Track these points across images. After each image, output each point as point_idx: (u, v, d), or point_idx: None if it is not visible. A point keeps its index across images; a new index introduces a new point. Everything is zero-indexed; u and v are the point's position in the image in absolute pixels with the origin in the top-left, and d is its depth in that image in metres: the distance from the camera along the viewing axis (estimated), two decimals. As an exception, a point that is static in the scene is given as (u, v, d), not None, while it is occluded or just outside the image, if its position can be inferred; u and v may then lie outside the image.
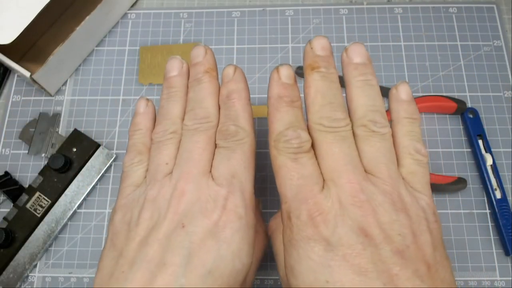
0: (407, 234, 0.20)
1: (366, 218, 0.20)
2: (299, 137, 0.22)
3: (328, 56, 0.24)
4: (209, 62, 0.26)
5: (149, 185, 0.23)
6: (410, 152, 0.23)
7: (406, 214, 0.20)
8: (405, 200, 0.21)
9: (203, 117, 0.24)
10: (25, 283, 0.34)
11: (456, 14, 0.41)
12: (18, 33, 0.34)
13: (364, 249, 0.19)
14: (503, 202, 0.34)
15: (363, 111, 0.22)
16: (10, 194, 0.36)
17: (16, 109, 0.40)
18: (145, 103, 0.27)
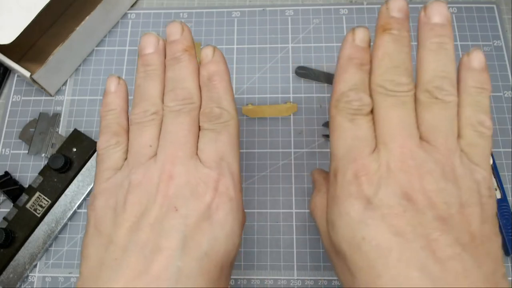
0: (454, 203, 0.20)
1: (411, 183, 0.20)
2: (360, 99, 0.21)
3: (403, 19, 0.23)
4: (187, 40, 0.25)
5: (133, 169, 0.23)
6: (472, 123, 0.21)
7: (456, 184, 0.20)
8: (457, 171, 0.20)
9: (185, 97, 0.24)
10: (25, 283, 0.34)
11: (456, 14, 0.41)
12: (18, 33, 0.34)
13: (405, 211, 0.19)
14: (503, 202, 0.34)
15: (430, 76, 0.21)
16: (10, 194, 0.36)
17: (16, 109, 0.40)
18: (117, 81, 0.26)
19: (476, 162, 0.21)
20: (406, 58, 0.22)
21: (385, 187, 0.20)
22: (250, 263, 0.34)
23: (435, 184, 0.20)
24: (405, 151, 0.20)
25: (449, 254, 0.18)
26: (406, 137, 0.21)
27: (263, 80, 0.39)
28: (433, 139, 0.21)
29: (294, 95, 0.39)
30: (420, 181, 0.20)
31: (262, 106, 0.38)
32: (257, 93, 0.39)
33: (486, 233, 0.20)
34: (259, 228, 0.35)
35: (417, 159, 0.20)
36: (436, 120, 0.21)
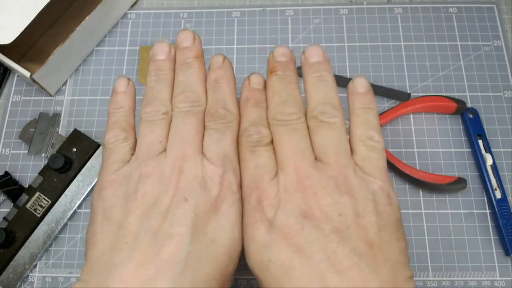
0: (349, 214, 0.21)
1: (307, 201, 0.22)
2: (258, 132, 0.24)
3: (286, 61, 0.26)
4: (198, 49, 0.27)
5: (143, 162, 0.24)
6: (362, 139, 0.24)
7: (350, 196, 0.22)
8: (351, 184, 0.22)
9: (194, 100, 0.25)
10: (25, 283, 0.34)
11: (456, 14, 0.41)
12: (18, 33, 0.34)
13: (302, 229, 0.21)
14: (503, 202, 0.34)
15: (314, 104, 0.25)
16: (10, 194, 0.36)
17: (16, 109, 0.40)
18: (126, 82, 0.28)
19: (371, 173, 0.23)
20: (293, 92, 0.25)
21: (283, 208, 0.22)
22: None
23: (329, 198, 0.22)
24: (299, 173, 0.23)
25: (347, 265, 0.20)
26: (300, 160, 0.23)
27: (263, 80, 0.39)
28: (325, 157, 0.23)
29: (294, 95, 0.39)
30: (315, 197, 0.22)
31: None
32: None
33: (385, 240, 0.21)
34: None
35: (311, 178, 0.22)
36: (325, 140, 0.24)
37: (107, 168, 0.25)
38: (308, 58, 0.26)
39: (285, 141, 0.24)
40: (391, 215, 0.22)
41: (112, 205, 0.23)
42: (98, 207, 0.24)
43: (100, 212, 0.24)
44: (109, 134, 0.26)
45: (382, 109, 0.38)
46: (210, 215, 0.23)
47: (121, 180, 0.24)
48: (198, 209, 0.22)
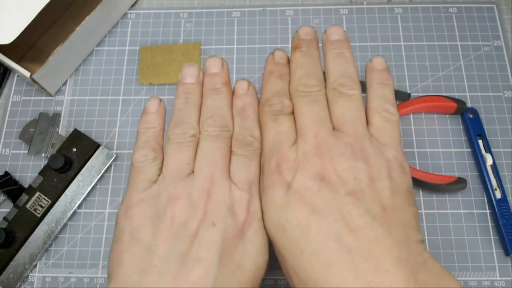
0: (363, 178, 0.22)
1: (324, 166, 0.23)
2: (281, 102, 0.26)
3: (310, 39, 0.28)
4: (226, 75, 0.28)
5: (172, 183, 0.24)
6: (379, 111, 0.25)
7: (365, 162, 0.23)
8: (367, 151, 0.23)
9: (223, 125, 0.26)
10: (25, 283, 0.34)
11: (456, 14, 0.41)
12: (18, 33, 0.34)
13: (319, 190, 0.22)
14: (503, 202, 0.34)
15: (335, 77, 0.26)
16: (10, 194, 0.36)
17: (16, 109, 0.40)
18: (158, 103, 0.28)
19: (386, 143, 0.24)
20: (315, 66, 0.27)
21: (302, 171, 0.23)
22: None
23: (345, 163, 0.23)
24: (318, 139, 0.24)
25: (361, 224, 0.21)
26: (319, 128, 0.24)
27: (263, 80, 0.39)
28: (343, 126, 0.24)
29: (294, 95, 0.39)
30: (332, 162, 0.23)
31: (262, 106, 0.38)
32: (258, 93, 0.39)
33: (398, 203, 0.22)
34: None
35: (329, 144, 0.23)
36: (343, 110, 0.25)
37: (135, 186, 0.25)
38: (329, 36, 0.28)
39: (306, 110, 0.25)
40: (404, 182, 0.23)
41: (141, 225, 0.23)
42: (125, 226, 0.24)
43: (128, 232, 0.23)
44: (139, 153, 0.26)
45: (382, 109, 0.38)
46: (237, 240, 0.23)
47: (149, 200, 0.24)
48: (226, 234, 0.23)
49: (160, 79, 0.40)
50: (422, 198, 0.35)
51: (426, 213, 0.34)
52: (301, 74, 0.26)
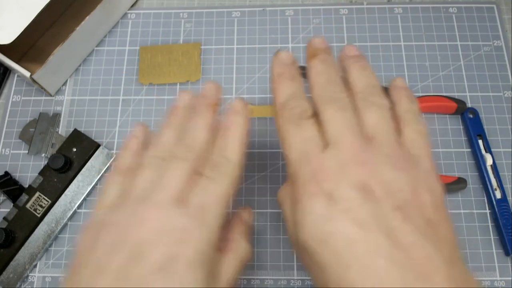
0: (408, 191, 0.21)
1: (367, 176, 0.21)
2: (301, 105, 0.24)
3: (326, 47, 0.27)
4: (214, 97, 0.27)
5: (116, 207, 0.24)
6: (411, 123, 0.24)
7: (407, 173, 0.22)
8: (406, 162, 0.22)
9: (192, 147, 0.25)
10: (25, 283, 0.34)
11: (456, 14, 0.41)
12: (18, 33, 0.34)
13: (365, 203, 0.20)
14: (503, 202, 0.34)
15: (364, 86, 0.25)
16: (10, 194, 0.36)
17: (16, 109, 0.40)
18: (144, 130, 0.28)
19: (420, 155, 0.23)
20: (336, 74, 0.26)
21: (343, 181, 0.21)
22: (250, 263, 0.34)
23: (389, 175, 0.21)
24: (356, 147, 0.22)
25: (411, 241, 0.19)
26: (354, 135, 0.22)
27: (263, 80, 0.39)
28: (377, 136, 0.23)
29: (294, 95, 0.39)
30: (374, 172, 0.21)
31: (262, 106, 0.38)
32: (257, 93, 0.39)
33: (440, 218, 0.21)
34: (259, 228, 0.35)
35: (368, 152, 0.22)
36: (376, 119, 0.23)
37: (95, 209, 0.25)
38: (348, 52, 0.27)
39: (338, 117, 0.23)
40: (441, 195, 0.22)
41: (82, 252, 0.23)
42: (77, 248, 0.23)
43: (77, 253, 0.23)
44: (109, 176, 0.27)
45: (382, 109, 0.38)
46: (162, 273, 0.21)
47: (93, 225, 0.24)
48: (150, 266, 0.21)
49: (160, 79, 0.40)
50: (422, 198, 0.35)
51: (426, 213, 0.34)
52: (324, 80, 0.25)
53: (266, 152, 0.37)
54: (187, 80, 0.40)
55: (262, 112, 0.38)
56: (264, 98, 0.39)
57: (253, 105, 0.38)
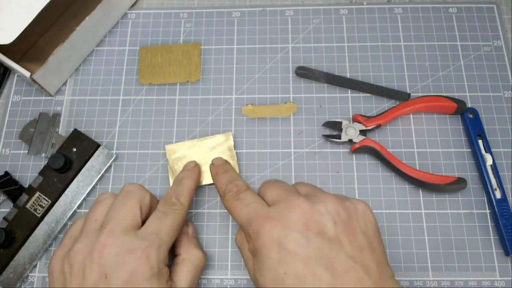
0: (339, 223, 0.25)
1: (306, 217, 0.25)
2: (236, 185, 0.30)
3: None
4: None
5: (79, 239, 0.28)
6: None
7: (339, 204, 0.26)
8: (335, 198, 0.27)
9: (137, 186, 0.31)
10: (25, 283, 0.34)
11: (456, 14, 0.41)
12: (18, 33, 0.34)
13: (308, 241, 0.25)
14: (503, 202, 0.34)
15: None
16: (10, 194, 0.36)
17: (16, 109, 0.40)
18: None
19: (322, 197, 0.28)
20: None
21: (287, 227, 0.25)
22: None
23: (324, 215, 0.25)
24: (291, 198, 0.27)
25: (346, 267, 0.24)
26: (295, 193, 0.28)
27: (263, 80, 0.39)
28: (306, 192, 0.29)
29: (294, 95, 0.39)
30: (312, 214, 0.25)
31: (262, 106, 0.38)
32: (257, 93, 0.39)
33: (370, 243, 0.26)
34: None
35: (303, 201, 0.26)
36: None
37: (62, 241, 0.30)
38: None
39: (272, 186, 0.30)
40: (372, 222, 0.27)
41: (57, 279, 0.27)
42: (49, 277, 0.28)
43: (51, 281, 0.28)
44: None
45: (382, 109, 0.38)
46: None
47: (64, 255, 0.28)
48: (114, 285, 0.25)
49: (160, 79, 0.40)
50: (422, 198, 0.35)
51: (426, 213, 0.34)
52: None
53: (266, 152, 0.37)
54: (187, 80, 0.40)
55: (262, 112, 0.38)
56: (264, 98, 0.39)
57: (253, 105, 0.38)
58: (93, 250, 0.26)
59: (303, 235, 0.25)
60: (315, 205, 0.26)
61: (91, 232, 0.28)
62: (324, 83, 0.39)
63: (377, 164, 0.36)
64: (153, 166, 0.37)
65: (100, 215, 0.29)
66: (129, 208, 0.29)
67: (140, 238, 0.27)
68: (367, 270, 0.24)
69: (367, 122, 0.36)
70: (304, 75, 0.39)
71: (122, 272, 0.25)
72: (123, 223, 0.28)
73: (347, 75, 0.39)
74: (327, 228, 0.25)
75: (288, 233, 0.25)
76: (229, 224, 0.35)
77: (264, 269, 0.25)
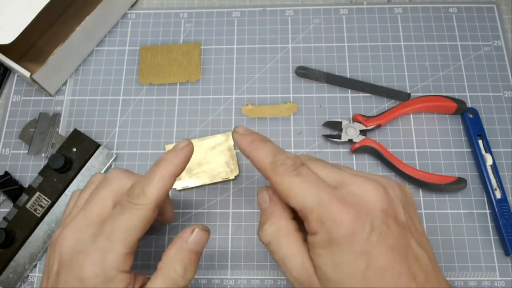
0: (402, 212, 0.23)
1: (384, 204, 0.22)
2: (289, 157, 0.24)
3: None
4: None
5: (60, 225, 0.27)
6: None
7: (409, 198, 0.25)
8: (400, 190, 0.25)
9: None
10: (25, 283, 0.34)
11: (456, 14, 0.41)
12: (18, 33, 0.34)
13: (389, 228, 0.22)
14: (503, 202, 0.34)
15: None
16: (10, 194, 0.36)
17: (16, 109, 0.40)
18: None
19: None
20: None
21: (369, 214, 0.22)
22: (250, 263, 0.34)
23: (395, 200, 0.23)
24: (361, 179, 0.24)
25: (419, 253, 0.22)
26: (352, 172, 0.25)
27: (263, 80, 0.39)
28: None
29: (294, 95, 0.39)
30: (387, 199, 0.23)
31: (262, 106, 0.38)
32: (257, 93, 0.39)
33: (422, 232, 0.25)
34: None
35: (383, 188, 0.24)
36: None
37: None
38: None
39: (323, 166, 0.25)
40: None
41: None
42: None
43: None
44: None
45: (382, 109, 0.38)
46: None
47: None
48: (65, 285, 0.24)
49: (160, 79, 0.40)
50: (422, 198, 0.35)
51: (426, 213, 0.34)
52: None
53: (266, 152, 0.37)
54: (187, 80, 0.40)
55: (262, 112, 0.38)
56: (264, 98, 0.39)
57: (253, 105, 0.38)
58: (58, 241, 0.25)
59: (384, 222, 0.22)
60: (386, 188, 0.23)
61: (68, 220, 0.26)
62: (324, 83, 0.39)
63: (377, 164, 0.36)
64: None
65: (81, 201, 0.27)
66: (98, 200, 0.25)
67: (92, 239, 0.24)
68: (429, 255, 0.23)
69: (367, 122, 0.36)
70: (304, 75, 0.39)
71: (69, 275, 0.24)
72: (88, 216, 0.25)
73: (347, 75, 0.39)
74: (400, 214, 0.23)
75: (372, 220, 0.22)
76: (229, 224, 0.35)
77: (343, 264, 0.21)
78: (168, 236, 0.35)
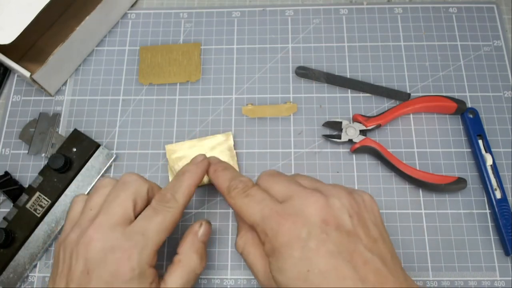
0: (354, 216, 0.25)
1: (324, 211, 0.25)
2: (241, 181, 0.28)
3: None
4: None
5: (74, 228, 0.27)
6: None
7: (350, 199, 0.26)
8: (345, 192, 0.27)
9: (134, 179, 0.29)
10: (25, 283, 0.34)
11: (456, 14, 0.41)
12: (18, 33, 0.34)
13: (327, 236, 0.24)
14: (503, 202, 0.34)
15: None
16: (10, 194, 0.36)
17: (16, 109, 0.40)
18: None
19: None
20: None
21: (307, 223, 0.25)
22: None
23: (340, 209, 0.25)
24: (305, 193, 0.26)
25: (366, 258, 0.24)
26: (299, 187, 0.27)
27: (263, 80, 0.39)
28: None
29: (294, 95, 0.39)
30: (328, 208, 0.25)
31: (262, 106, 0.38)
32: (257, 93, 0.39)
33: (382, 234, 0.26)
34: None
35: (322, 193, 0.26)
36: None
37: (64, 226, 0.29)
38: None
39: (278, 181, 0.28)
40: (379, 213, 0.28)
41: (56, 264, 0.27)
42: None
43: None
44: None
45: (382, 109, 0.38)
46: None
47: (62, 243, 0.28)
48: (97, 282, 0.25)
49: (160, 79, 0.40)
50: (422, 198, 0.35)
51: (426, 213, 0.34)
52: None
53: (266, 152, 0.37)
54: (187, 80, 0.40)
55: (262, 112, 0.38)
56: (264, 98, 0.39)
57: (253, 105, 0.38)
58: (80, 242, 0.26)
59: (323, 230, 0.24)
60: (329, 199, 0.25)
61: (84, 222, 0.27)
62: (324, 83, 0.39)
63: (377, 164, 0.36)
64: (153, 166, 0.37)
65: (95, 204, 0.28)
66: (120, 201, 0.27)
67: (125, 237, 0.26)
68: (383, 260, 0.24)
69: (367, 122, 0.36)
70: (304, 75, 0.39)
71: (103, 271, 0.25)
72: (113, 218, 0.26)
73: (347, 75, 0.39)
74: (344, 222, 0.25)
75: (309, 229, 0.24)
76: (229, 224, 0.35)
77: (286, 269, 0.24)
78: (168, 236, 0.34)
